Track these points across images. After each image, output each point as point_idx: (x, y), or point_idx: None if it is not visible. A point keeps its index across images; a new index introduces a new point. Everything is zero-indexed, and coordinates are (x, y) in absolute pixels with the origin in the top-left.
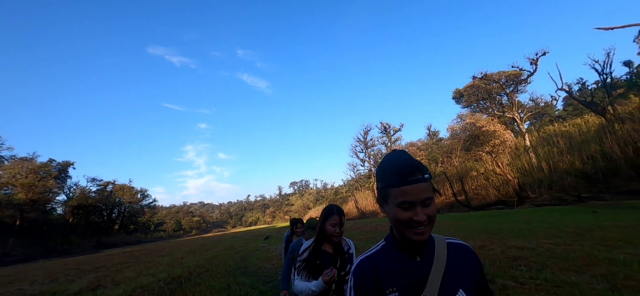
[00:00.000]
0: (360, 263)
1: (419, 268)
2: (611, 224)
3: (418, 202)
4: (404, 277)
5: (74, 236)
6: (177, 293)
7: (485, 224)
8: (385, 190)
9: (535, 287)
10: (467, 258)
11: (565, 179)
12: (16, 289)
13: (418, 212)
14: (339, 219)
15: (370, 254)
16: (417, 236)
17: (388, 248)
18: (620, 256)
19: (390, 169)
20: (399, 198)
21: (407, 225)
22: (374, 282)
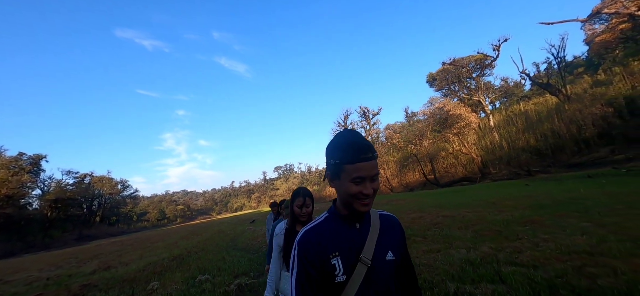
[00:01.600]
0: (304, 233)
1: (358, 234)
2: (524, 194)
3: (368, 177)
4: (345, 242)
5: (54, 230)
6: (183, 265)
7: (438, 199)
8: (339, 166)
9: (432, 239)
10: (394, 227)
11: (522, 155)
12: (28, 276)
13: (367, 186)
14: (303, 200)
15: (314, 225)
16: (363, 207)
17: (331, 219)
18: (499, 217)
19: (347, 147)
20: (353, 173)
21: (356, 197)
22: (318, 249)
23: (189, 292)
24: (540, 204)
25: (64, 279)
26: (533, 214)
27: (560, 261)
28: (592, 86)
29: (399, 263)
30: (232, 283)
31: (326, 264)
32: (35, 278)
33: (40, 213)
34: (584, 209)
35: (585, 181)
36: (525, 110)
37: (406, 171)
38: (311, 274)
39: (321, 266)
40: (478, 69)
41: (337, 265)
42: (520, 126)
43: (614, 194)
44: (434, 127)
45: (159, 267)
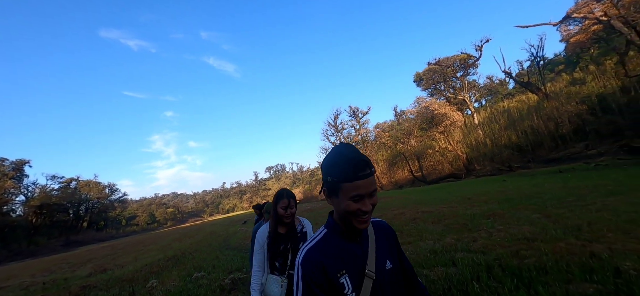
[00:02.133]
0: (307, 253)
1: (360, 248)
2: (498, 190)
3: (366, 194)
4: (350, 259)
5: (39, 237)
6: (178, 264)
7: (421, 196)
8: (337, 184)
9: (408, 233)
10: (387, 232)
11: (504, 152)
12: (21, 282)
13: (366, 203)
14: (287, 202)
15: (315, 243)
16: (362, 224)
17: (331, 235)
18: (469, 212)
19: (345, 165)
20: (352, 191)
21: (354, 215)
22: (323, 270)
23: (186, 288)
24: (508, 199)
25: (60, 282)
26: (498, 208)
27: (503, 247)
28: (570, 84)
29: (398, 268)
30: (226, 278)
31: (334, 283)
32: (29, 283)
33: (25, 219)
34: (541, 202)
35: (555, 176)
36: (507, 108)
37: (395, 169)
38: (317, 294)
39: (329, 287)
40: (462, 68)
41: (345, 283)
42: (502, 124)
43: (571, 188)
44: (421, 126)
45: (155, 267)
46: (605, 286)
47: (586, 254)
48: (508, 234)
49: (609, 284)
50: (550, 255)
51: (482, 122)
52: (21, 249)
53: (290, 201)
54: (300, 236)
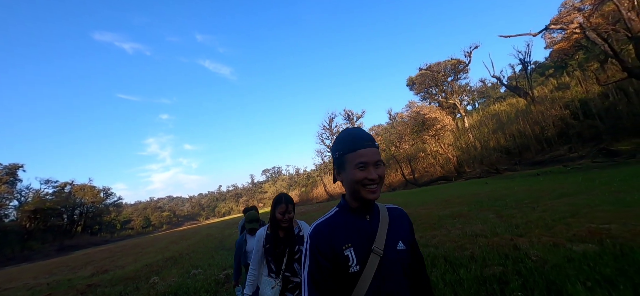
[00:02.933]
0: (316, 226)
1: (369, 225)
2: (473, 193)
3: (371, 163)
4: (357, 234)
5: (33, 242)
6: (177, 263)
7: (408, 199)
8: (343, 157)
9: None
10: (402, 218)
11: (493, 155)
12: (24, 284)
13: (371, 171)
14: (286, 207)
15: (326, 218)
16: (371, 194)
17: (341, 212)
18: (442, 213)
19: (348, 138)
20: (356, 159)
21: (362, 184)
22: (330, 241)
23: (185, 283)
24: (478, 201)
25: (64, 283)
26: (466, 210)
27: (453, 242)
28: (556, 89)
29: (409, 252)
30: (220, 274)
31: (339, 255)
32: (33, 284)
33: (18, 224)
34: (502, 204)
35: (532, 179)
36: (496, 112)
37: (389, 172)
38: (323, 265)
39: (333, 258)
40: (453, 73)
41: (350, 255)
42: (491, 127)
43: (534, 190)
44: (412, 130)
45: (155, 267)
46: (509, 268)
47: (510, 246)
48: (462, 232)
49: (512, 267)
50: (484, 247)
51: (472, 125)
52: (14, 254)
53: (288, 207)
54: (297, 239)
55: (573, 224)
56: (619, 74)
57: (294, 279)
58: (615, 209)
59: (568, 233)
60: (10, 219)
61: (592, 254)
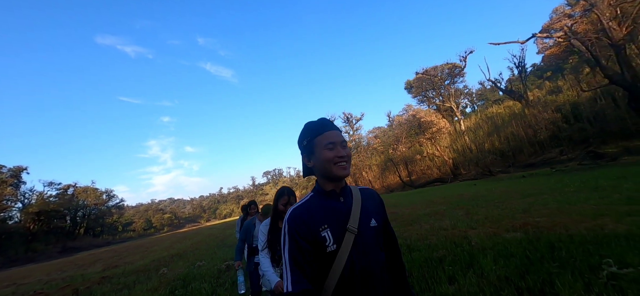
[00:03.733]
0: (292, 211)
1: (343, 206)
2: (458, 194)
3: (338, 142)
4: (332, 215)
5: (36, 244)
6: (182, 258)
7: (400, 199)
8: (312, 141)
9: None
10: (374, 197)
11: (487, 157)
12: (38, 279)
13: (340, 150)
14: (288, 198)
15: (302, 203)
16: (342, 170)
17: (316, 196)
18: (422, 212)
19: (313, 125)
20: (325, 140)
21: (333, 162)
22: (307, 224)
23: (191, 272)
24: (458, 201)
25: (78, 278)
26: (443, 208)
27: (420, 235)
28: (550, 93)
29: (381, 228)
30: (222, 264)
31: (317, 236)
32: (48, 280)
33: (22, 226)
34: (475, 203)
35: (516, 180)
36: (495, 114)
37: (387, 174)
38: (303, 247)
39: (312, 239)
40: (449, 77)
41: (327, 236)
42: (486, 130)
43: (508, 191)
44: (409, 133)
45: (162, 262)
46: (451, 251)
47: (461, 236)
48: (431, 227)
49: (453, 250)
50: (442, 238)
51: (469, 128)
52: (18, 256)
53: (291, 198)
54: None
55: (518, 219)
56: (604, 80)
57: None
58: (559, 206)
59: (508, 225)
60: (14, 222)
61: (514, 239)
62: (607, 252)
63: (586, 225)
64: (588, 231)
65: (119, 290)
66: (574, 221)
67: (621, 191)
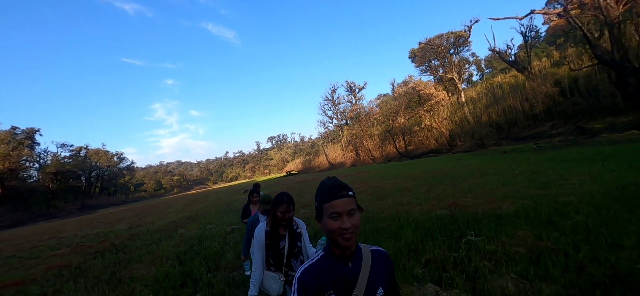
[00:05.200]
0: (304, 272)
1: (351, 272)
2: (436, 168)
3: (344, 213)
4: (339, 281)
5: (56, 201)
6: (195, 221)
7: (391, 171)
8: (320, 206)
9: None
10: (384, 262)
11: (483, 129)
12: (73, 234)
13: (345, 221)
14: (287, 207)
15: (312, 264)
16: (345, 241)
17: (326, 258)
18: (397, 186)
19: (324, 189)
20: (330, 209)
21: (337, 233)
22: (316, 287)
23: (203, 233)
24: (430, 177)
25: (108, 233)
26: (413, 184)
27: (381, 209)
28: (555, 64)
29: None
30: (228, 227)
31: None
32: (83, 234)
33: (42, 184)
34: (442, 179)
35: (497, 156)
36: (493, 86)
37: (387, 144)
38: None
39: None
40: (453, 46)
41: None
42: (485, 102)
43: (475, 169)
44: (408, 105)
45: (178, 223)
46: (392, 223)
47: (406, 211)
48: (393, 202)
49: (396, 222)
50: (394, 212)
51: (469, 100)
52: (41, 211)
53: (289, 207)
54: (296, 235)
55: (456, 198)
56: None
57: (292, 273)
58: (494, 188)
59: (444, 204)
60: (33, 180)
61: (438, 215)
62: (481, 226)
63: (493, 205)
64: (489, 210)
65: (149, 245)
66: (488, 202)
67: (549, 175)
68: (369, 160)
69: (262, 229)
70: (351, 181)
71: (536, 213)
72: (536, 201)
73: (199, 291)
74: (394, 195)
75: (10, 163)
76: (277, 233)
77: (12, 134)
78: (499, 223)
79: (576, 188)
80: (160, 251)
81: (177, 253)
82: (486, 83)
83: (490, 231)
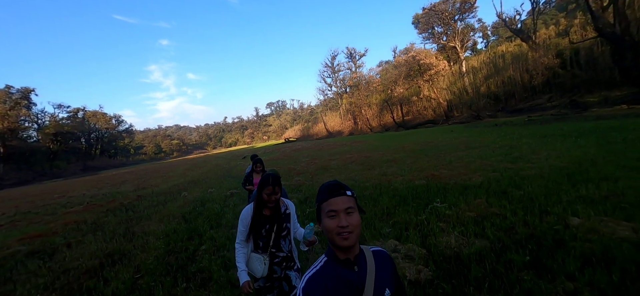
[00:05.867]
0: (308, 280)
1: (357, 277)
2: (429, 140)
3: (341, 210)
4: (347, 288)
5: (59, 161)
6: (197, 185)
7: (384, 142)
8: (319, 208)
9: (336, 169)
10: (386, 262)
11: (481, 101)
12: (82, 193)
13: (342, 219)
14: (272, 189)
15: (316, 271)
16: (343, 240)
17: (330, 263)
18: (385, 157)
19: (323, 189)
20: (327, 208)
21: (335, 232)
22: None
23: (205, 195)
24: (419, 149)
25: (116, 194)
26: (401, 156)
27: (367, 178)
28: (557, 35)
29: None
30: (228, 191)
31: None
32: (91, 194)
33: (43, 145)
34: (427, 153)
35: (488, 129)
36: (494, 56)
37: (385, 113)
38: None
39: None
40: (458, 12)
41: None
42: (485, 73)
43: (465, 141)
44: (408, 74)
45: (181, 187)
46: (373, 191)
47: (388, 181)
48: (379, 173)
49: (377, 191)
50: (377, 182)
51: (469, 70)
52: (45, 171)
53: (275, 188)
54: (284, 217)
55: (438, 170)
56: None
57: (279, 254)
58: (471, 161)
59: (423, 175)
60: (33, 141)
61: (415, 185)
62: (449, 195)
63: (464, 177)
64: (459, 181)
65: (155, 206)
66: (461, 174)
67: (523, 150)
68: (367, 129)
69: (248, 210)
70: (345, 150)
71: (497, 185)
72: (502, 174)
73: (204, 243)
74: (381, 166)
75: (9, 122)
76: (260, 214)
77: (8, 94)
78: (464, 192)
79: (541, 162)
80: (167, 210)
81: (182, 213)
82: (490, 52)
83: (454, 199)
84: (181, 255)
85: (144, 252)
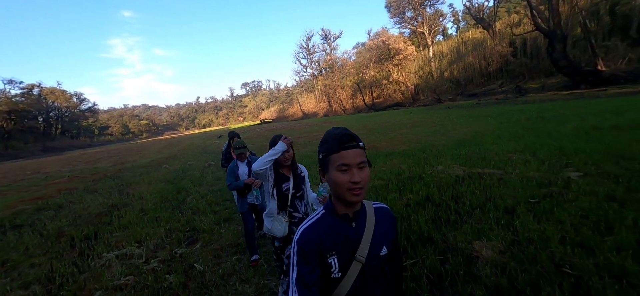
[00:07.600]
0: (303, 231)
1: (354, 232)
2: (388, 120)
3: (354, 165)
4: (341, 242)
5: (14, 142)
6: (175, 160)
7: (352, 123)
8: (326, 158)
9: (302, 145)
10: (387, 219)
11: (444, 85)
12: (56, 170)
13: (354, 173)
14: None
15: (312, 222)
16: (354, 196)
17: (327, 216)
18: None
19: (331, 139)
20: (338, 161)
21: (346, 187)
22: (317, 247)
23: (185, 167)
24: (376, 128)
25: (93, 170)
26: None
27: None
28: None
29: (391, 255)
30: (206, 163)
31: (323, 261)
32: (66, 171)
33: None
34: (379, 130)
35: (442, 111)
36: (457, 44)
37: (358, 96)
38: (312, 269)
39: (319, 262)
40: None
41: (333, 263)
42: (449, 59)
43: (413, 122)
44: (379, 58)
45: (160, 161)
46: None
47: None
48: None
49: None
50: None
51: (436, 55)
52: None
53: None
54: (300, 179)
55: (379, 142)
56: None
57: (296, 214)
58: (411, 136)
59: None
60: None
61: None
62: (377, 160)
63: (395, 147)
64: (389, 150)
65: (140, 175)
66: (394, 145)
67: (449, 127)
68: (341, 111)
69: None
70: (314, 130)
71: (412, 152)
72: (422, 144)
73: (190, 195)
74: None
75: None
76: (279, 173)
77: None
78: (388, 157)
79: (451, 135)
80: (152, 178)
81: (167, 178)
82: (458, 38)
83: (378, 162)
84: (174, 201)
85: (143, 201)
